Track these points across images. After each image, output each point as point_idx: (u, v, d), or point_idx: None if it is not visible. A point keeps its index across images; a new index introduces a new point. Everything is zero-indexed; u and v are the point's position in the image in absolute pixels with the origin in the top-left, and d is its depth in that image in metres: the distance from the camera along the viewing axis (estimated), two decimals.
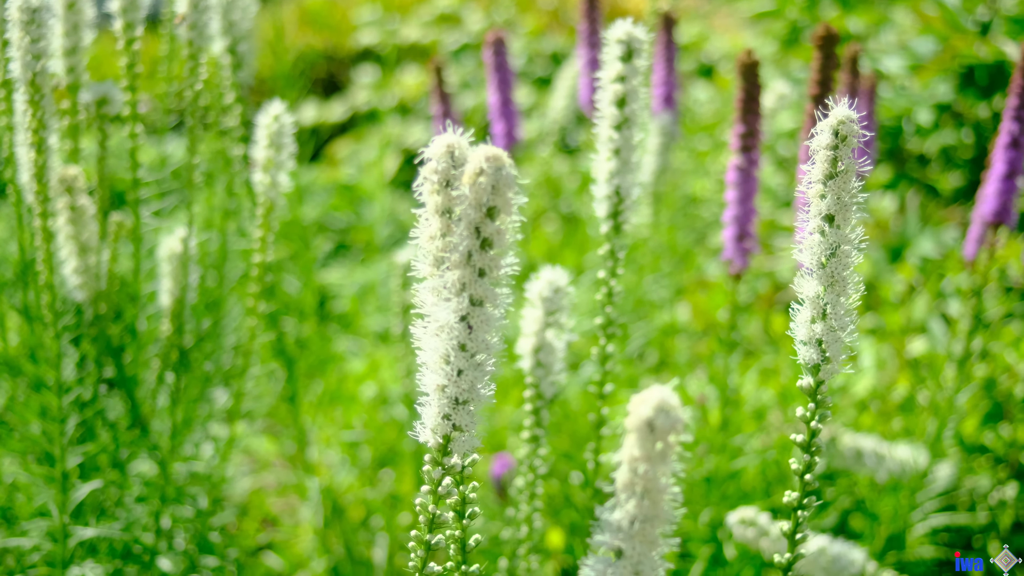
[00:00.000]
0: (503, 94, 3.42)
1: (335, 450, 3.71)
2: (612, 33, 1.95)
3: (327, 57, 8.20)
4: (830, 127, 1.42)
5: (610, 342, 2.15)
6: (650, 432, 1.27)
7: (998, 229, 2.87)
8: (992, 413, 3.55)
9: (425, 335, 1.37)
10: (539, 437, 2.15)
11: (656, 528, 1.34)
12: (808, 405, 1.52)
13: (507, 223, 1.31)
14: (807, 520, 1.59)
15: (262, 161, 2.46)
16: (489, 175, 1.27)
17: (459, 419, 1.37)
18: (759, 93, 2.59)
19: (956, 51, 4.67)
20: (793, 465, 1.55)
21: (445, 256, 1.34)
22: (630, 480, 1.31)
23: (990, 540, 3.31)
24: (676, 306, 4.36)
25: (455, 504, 1.46)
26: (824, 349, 1.46)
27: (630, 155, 2.01)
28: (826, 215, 1.43)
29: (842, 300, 1.44)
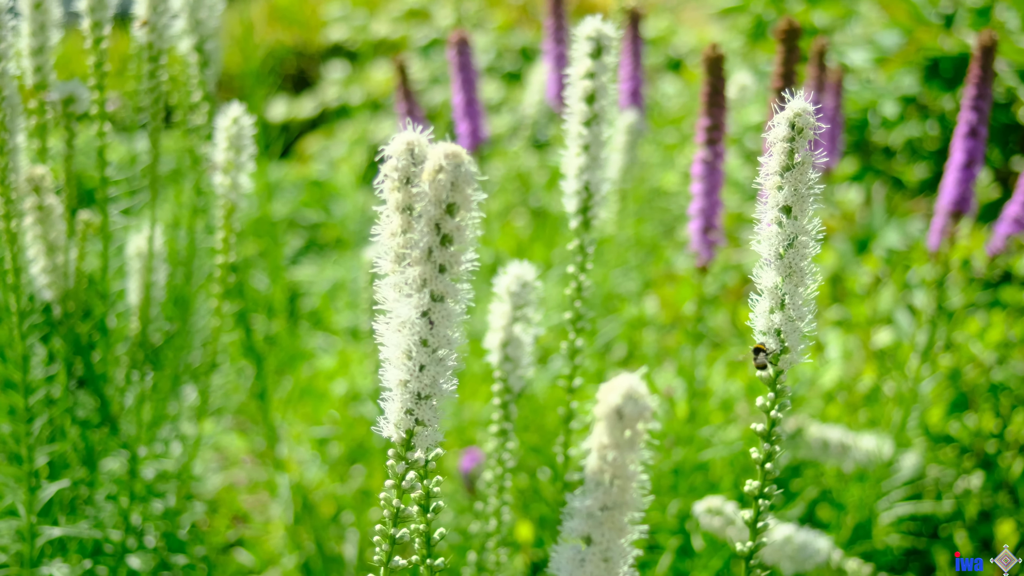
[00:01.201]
0: (467, 93, 3.43)
1: (305, 446, 3.72)
2: (581, 30, 1.97)
3: (297, 53, 8.20)
4: (787, 119, 1.43)
5: (579, 336, 2.17)
6: (619, 420, 1.29)
7: (959, 218, 2.89)
8: (957, 403, 3.58)
9: (387, 331, 1.38)
10: (507, 431, 2.16)
11: (625, 515, 1.36)
12: (768, 395, 1.54)
13: (467, 219, 1.32)
14: (771, 509, 1.60)
15: (222, 163, 2.47)
16: (448, 172, 1.28)
17: (422, 414, 1.38)
18: (724, 87, 2.60)
19: (921, 44, 4.70)
20: (754, 454, 1.57)
21: (406, 252, 1.35)
22: (599, 467, 1.33)
23: (956, 529, 3.33)
24: (644, 299, 4.38)
25: (420, 498, 1.47)
26: (783, 339, 1.48)
27: (599, 151, 2.03)
28: (783, 206, 1.44)
29: (800, 290, 1.46)
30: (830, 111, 3.52)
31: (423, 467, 1.44)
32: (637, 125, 3.51)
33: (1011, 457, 3.38)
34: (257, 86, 3.76)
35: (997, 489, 3.39)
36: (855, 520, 3.14)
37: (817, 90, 3.36)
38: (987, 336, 3.64)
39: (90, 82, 2.49)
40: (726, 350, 3.89)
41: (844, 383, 3.67)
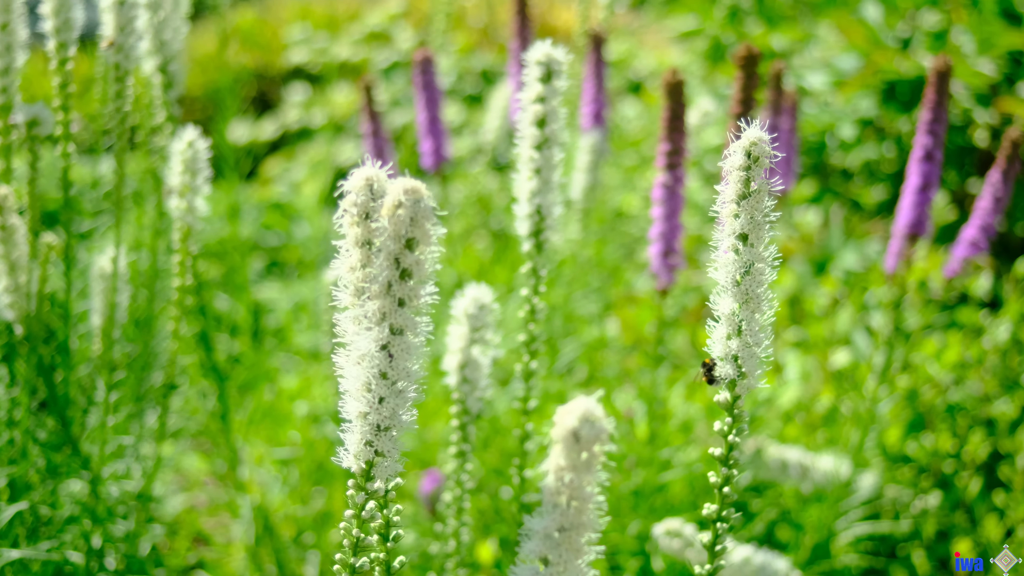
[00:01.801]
0: (431, 112, 3.45)
1: (267, 468, 3.71)
2: (532, 55, 1.99)
3: (258, 75, 8.19)
4: (743, 148, 1.44)
5: (534, 358, 2.19)
6: (575, 442, 1.30)
7: (915, 241, 2.92)
8: (915, 423, 3.61)
9: (347, 363, 1.39)
10: (465, 452, 2.18)
11: (582, 536, 1.37)
12: (725, 419, 1.55)
13: (426, 253, 1.33)
14: (731, 530, 1.62)
15: (178, 187, 2.47)
16: (408, 207, 1.29)
17: (381, 445, 1.39)
18: (684, 112, 2.62)
19: (877, 67, 4.73)
20: (712, 479, 1.58)
21: (366, 286, 1.36)
22: (557, 489, 1.34)
23: (914, 549, 3.36)
24: (605, 321, 4.39)
25: (379, 527, 1.48)
26: (740, 365, 1.49)
27: (551, 174, 2.04)
28: (740, 234, 1.46)
29: (757, 317, 1.47)
30: (786, 134, 3.54)
31: (383, 497, 1.46)
32: (599, 144, 3.53)
33: (968, 477, 3.40)
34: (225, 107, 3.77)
35: (954, 509, 3.41)
36: (814, 540, 3.16)
37: (774, 113, 3.38)
38: (944, 357, 3.67)
39: (55, 103, 2.49)
40: (686, 371, 3.91)
41: (802, 404, 3.69)
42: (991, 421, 3.56)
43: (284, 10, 8.86)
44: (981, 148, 4.70)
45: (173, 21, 2.88)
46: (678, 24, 6.31)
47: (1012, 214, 4.68)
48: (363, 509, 1.45)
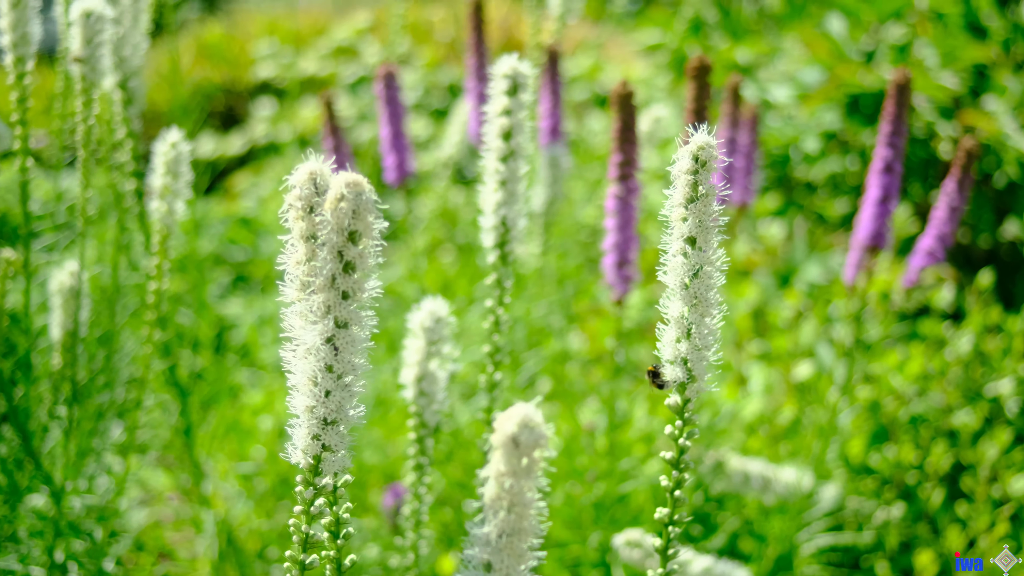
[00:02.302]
0: (394, 127, 3.44)
1: (232, 482, 3.71)
2: (498, 68, 1.99)
3: (225, 90, 8.19)
4: (690, 153, 1.45)
5: (498, 370, 2.19)
6: (515, 448, 1.30)
7: (875, 253, 2.93)
8: (878, 435, 3.62)
9: (294, 358, 1.39)
10: (423, 465, 2.17)
11: (523, 541, 1.37)
12: (676, 423, 1.55)
13: (369, 247, 1.33)
14: (693, 541, 1.62)
15: (159, 189, 2.47)
16: (350, 200, 1.29)
17: (329, 439, 1.39)
18: (635, 123, 2.62)
19: (841, 80, 4.75)
20: (664, 482, 1.58)
21: (311, 280, 1.37)
22: (497, 495, 1.34)
23: (877, 560, 3.36)
24: (570, 333, 4.39)
25: (329, 524, 1.48)
26: (690, 368, 1.49)
27: (516, 186, 2.05)
28: (688, 237, 1.46)
29: (706, 320, 1.47)
30: (746, 147, 3.55)
31: (332, 493, 1.46)
32: (558, 158, 3.53)
33: (931, 488, 3.41)
34: (183, 121, 3.76)
35: (917, 520, 3.42)
36: (776, 552, 3.16)
37: (732, 126, 3.39)
38: (906, 369, 3.69)
39: (13, 118, 2.48)
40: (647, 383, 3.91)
41: (765, 416, 3.70)
42: (953, 432, 3.57)
43: (252, 25, 8.86)
44: (944, 160, 4.72)
45: (132, 37, 2.88)
46: (643, 37, 6.33)
47: (975, 226, 4.70)
48: (312, 505, 1.45)
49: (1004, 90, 4.70)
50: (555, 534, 3.14)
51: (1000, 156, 4.72)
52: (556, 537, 3.14)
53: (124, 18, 2.83)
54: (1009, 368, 3.64)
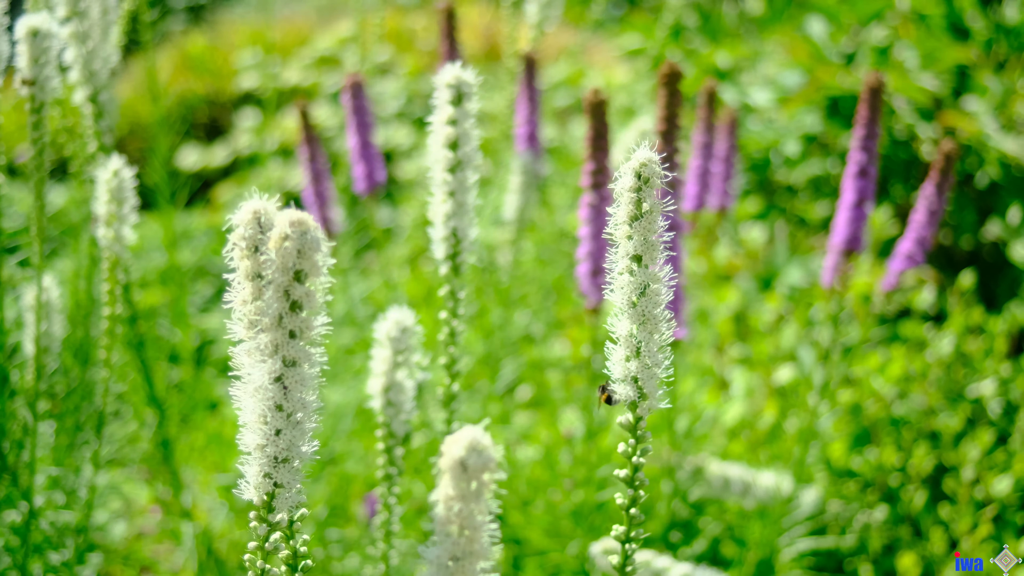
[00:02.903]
0: (362, 137, 3.43)
1: (212, 494, 3.70)
2: (441, 78, 1.98)
3: (209, 102, 8.18)
4: (632, 170, 1.43)
5: (455, 381, 2.18)
6: (463, 471, 1.29)
7: (851, 256, 2.93)
8: (860, 438, 3.61)
9: (244, 396, 1.38)
10: (392, 476, 2.17)
11: (475, 564, 1.36)
12: (629, 441, 1.54)
13: (317, 285, 1.32)
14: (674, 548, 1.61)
15: (104, 216, 2.46)
16: (294, 239, 1.28)
17: (280, 477, 1.38)
18: (607, 131, 2.61)
19: (821, 82, 4.75)
20: (619, 500, 1.57)
21: (258, 319, 1.36)
22: (447, 518, 1.33)
23: (861, 563, 3.36)
24: (553, 340, 4.39)
25: (287, 559, 1.47)
26: (640, 386, 1.48)
27: (465, 197, 2.04)
28: (634, 255, 1.45)
29: (655, 337, 1.46)
30: (723, 152, 3.54)
31: (288, 527, 1.45)
32: (532, 165, 3.52)
33: (913, 490, 3.41)
34: (164, 134, 3.75)
35: (900, 522, 3.42)
36: (757, 557, 3.15)
37: (707, 132, 3.38)
38: (888, 371, 3.68)
39: None
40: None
41: (747, 420, 3.69)
42: (935, 434, 3.56)
43: (235, 36, 8.85)
44: (926, 161, 4.71)
45: (102, 51, 2.87)
46: (625, 43, 6.32)
47: (957, 227, 4.70)
48: (267, 541, 1.44)
49: (985, 90, 4.70)
50: (536, 542, 3.13)
51: (982, 156, 4.72)
52: (537, 545, 3.13)
53: (93, 32, 2.81)
54: (991, 369, 3.63)
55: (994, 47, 4.99)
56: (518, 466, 3.41)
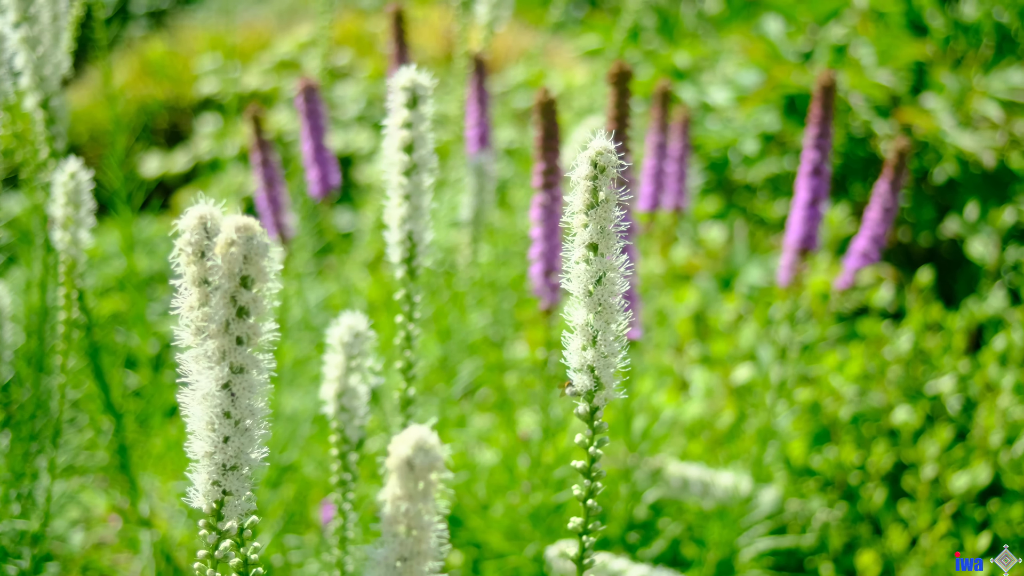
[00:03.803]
0: (316, 140, 3.42)
1: (172, 502, 3.68)
2: (396, 81, 1.97)
3: (169, 107, 8.14)
4: (588, 159, 1.43)
5: (411, 385, 2.17)
6: (410, 471, 1.29)
7: (806, 255, 2.93)
8: (820, 436, 3.62)
9: (192, 403, 1.38)
10: (346, 481, 2.16)
11: (424, 564, 1.36)
12: (585, 432, 1.54)
13: (264, 291, 1.32)
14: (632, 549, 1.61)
15: (61, 219, 2.44)
16: (240, 245, 1.28)
17: (229, 484, 1.38)
18: (557, 131, 2.60)
19: (777, 81, 4.75)
20: (576, 491, 1.57)
21: (205, 325, 1.35)
22: (394, 518, 1.33)
23: (821, 561, 3.36)
24: (514, 342, 4.38)
25: (238, 567, 1.46)
26: (597, 376, 1.48)
27: (421, 200, 2.03)
28: (590, 244, 1.45)
29: (612, 327, 1.46)
30: (677, 151, 3.54)
31: (238, 535, 1.44)
32: (486, 166, 3.52)
33: (873, 488, 3.41)
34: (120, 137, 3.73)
35: (860, 520, 3.42)
36: (717, 557, 3.15)
37: (661, 131, 3.38)
38: (847, 369, 3.69)
39: None
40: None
41: (705, 421, 3.69)
42: (894, 432, 3.57)
43: (195, 41, 8.81)
44: (884, 159, 4.73)
45: (53, 57, 2.85)
46: (585, 43, 6.32)
47: (915, 224, 4.71)
48: (216, 548, 1.43)
49: (943, 87, 4.72)
50: (495, 545, 3.12)
51: (939, 153, 4.73)
52: (496, 548, 3.12)
53: (44, 37, 2.80)
54: (949, 365, 3.64)
55: (951, 44, 5.01)
56: (477, 469, 3.41)
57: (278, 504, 3.49)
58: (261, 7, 10.20)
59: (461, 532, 3.30)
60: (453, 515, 3.37)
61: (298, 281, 3.84)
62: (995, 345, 3.60)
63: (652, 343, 4.17)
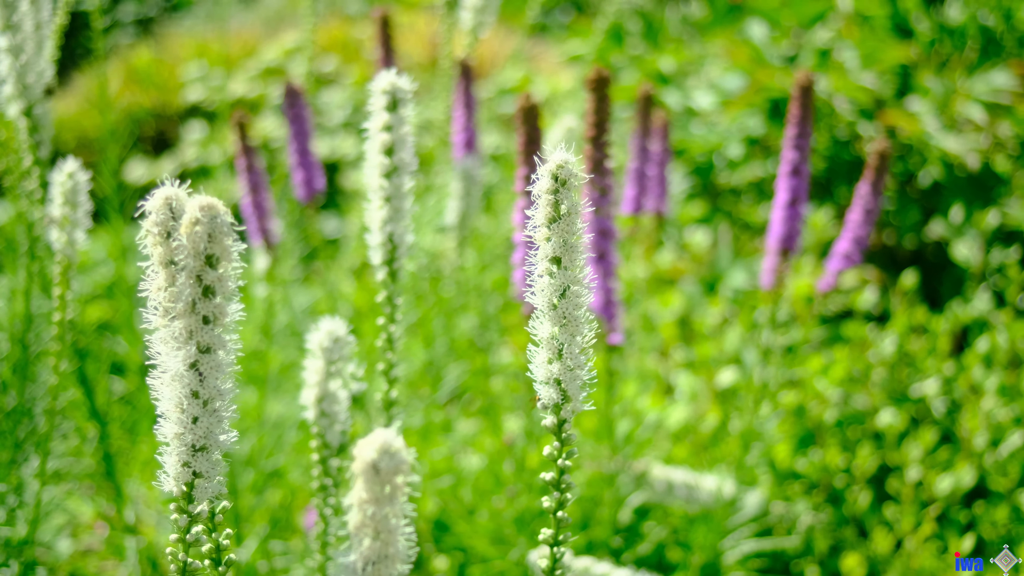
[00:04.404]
0: (300, 144, 3.42)
1: (159, 508, 3.68)
2: (377, 84, 1.98)
3: (155, 115, 8.14)
4: (549, 172, 1.43)
5: (393, 387, 2.17)
6: (376, 474, 1.29)
7: (787, 256, 2.93)
8: (805, 439, 3.62)
9: (161, 385, 1.38)
10: (328, 487, 2.16)
11: (392, 568, 1.36)
12: (554, 444, 1.54)
13: (229, 270, 1.32)
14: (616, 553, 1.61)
15: (58, 218, 2.45)
16: (205, 224, 1.28)
17: (199, 466, 1.38)
18: (540, 136, 2.61)
19: (761, 85, 4.76)
20: (545, 503, 1.57)
21: (172, 306, 1.35)
22: (361, 522, 1.33)
23: (807, 564, 3.36)
24: (500, 347, 4.38)
25: (210, 552, 1.47)
26: (564, 388, 1.48)
27: (401, 202, 2.03)
28: (553, 257, 1.45)
29: (577, 339, 1.46)
30: (658, 156, 3.55)
31: (210, 519, 1.44)
32: (472, 171, 3.52)
33: (858, 490, 3.42)
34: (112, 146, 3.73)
35: (846, 523, 3.43)
36: (702, 560, 3.16)
37: (643, 135, 3.39)
38: (831, 372, 3.69)
39: None
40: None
41: (690, 425, 3.69)
42: (879, 434, 3.57)
43: (182, 49, 8.81)
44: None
45: (36, 65, 2.85)
46: (570, 49, 6.33)
47: (900, 227, 4.72)
48: (188, 532, 1.43)
49: (927, 90, 4.73)
50: (480, 550, 3.12)
51: (924, 156, 4.74)
52: (482, 553, 3.12)
53: (27, 45, 2.80)
54: (934, 368, 3.65)
55: (936, 47, 5.02)
56: (463, 474, 3.41)
57: (264, 510, 3.49)
58: (248, 14, 10.20)
59: (447, 537, 3.31)
60: (439, 520, 3.37)
61: (283, 287, 3.84)
62: (979, 347, 3.61)
63: (637, 347, 4.17)
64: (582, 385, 1.48)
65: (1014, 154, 4.66)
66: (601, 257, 2.63)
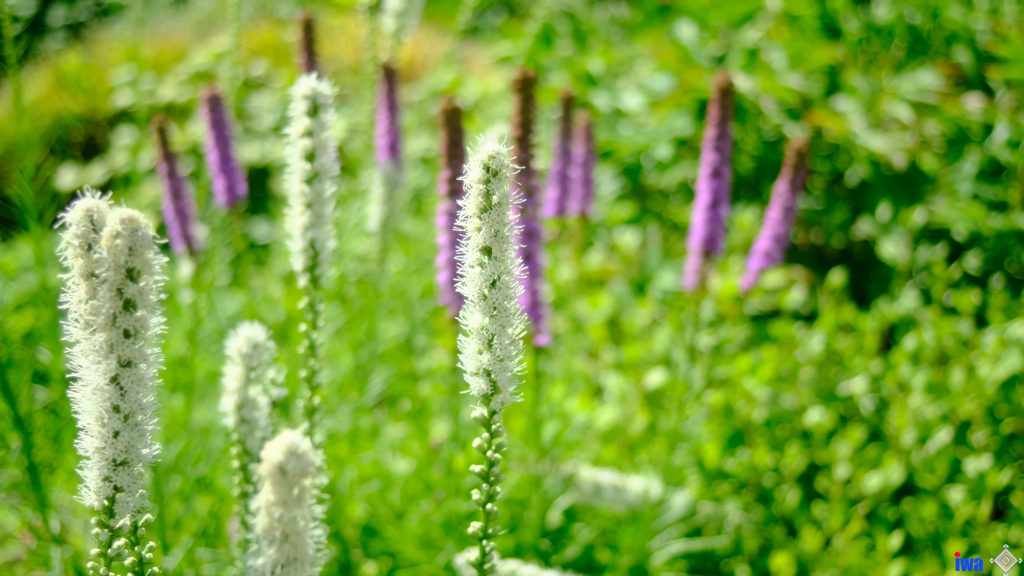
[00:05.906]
0: (222, 150, 3.40)
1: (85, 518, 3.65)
2: (297, 89, 1.97)
3: (85, 120, 8.08)
4: (480, 162, 1.44)
5: (315, 394, 2.16)
6: (283, 476, 1.28)
7: (710, 257, 2.94)
8: (734, 439, 3.63)
9: (82, 398, 1.37)
10: (249, 493, 2.14)
11: (301, 571, 1.35)
12: (483, 435, 1.54)
13: (151, 284, 1.31)
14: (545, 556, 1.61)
15: None
16: (125, 237, 1.28)
17: (120, 480, 1.37)
18: (462, 138, 2.60)
19: (689, 86, 4.77)
20: (475, 496, 1.57)
21: (93, 319, 1.34)
22: (269, 525, 1.32)
23: (737, 564, 3.37)
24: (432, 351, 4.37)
25: (132, 566, 1.45)
26: (494, 379, 1.48)
27: (323, 208, 2.02)
28: (483, 247, 1.45)
29: (508, 330, 1.46)
30: (581, 157, 3.55)
31: (132, 533, 1.43)
32: (394, 175, 3.51)
33: (787, 489, 3.43)
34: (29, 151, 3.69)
35: (775, 522, 3.44)
36: (631, 561, 3.16)
37: (566, 137, 3.39)
38: (759, 372, 3.70)
39: None
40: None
41: (619, 426, 3.69)
42: (807, 433, 3.59)
43: (111, 54, 8.75)
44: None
45: None
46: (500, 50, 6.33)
47: (828, 226, 4.74)
48: (109, 547, 1.42)
49: (854, 90, 4.75)
50: (409, 554, 3.11)
51: (851, 155, 4.76)
52: (410, 557, 3.11)
53: None
54: (862, 366, 3.67)
55: (864, 46, 5.05)
56: (392, 479, 3.40)
57: (191, 518, 3.47)
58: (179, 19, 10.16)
59: (376, 542, 3.30)
60: (368, 525, 3.36)
61: (209, 293, 3.82)
62: (906, 345, 3.62)
63: (565, 349, 4.17)
64: (512, 377, 1.47)
65: (940, 152, 4.69)
66: (527, 258, 2.63)
